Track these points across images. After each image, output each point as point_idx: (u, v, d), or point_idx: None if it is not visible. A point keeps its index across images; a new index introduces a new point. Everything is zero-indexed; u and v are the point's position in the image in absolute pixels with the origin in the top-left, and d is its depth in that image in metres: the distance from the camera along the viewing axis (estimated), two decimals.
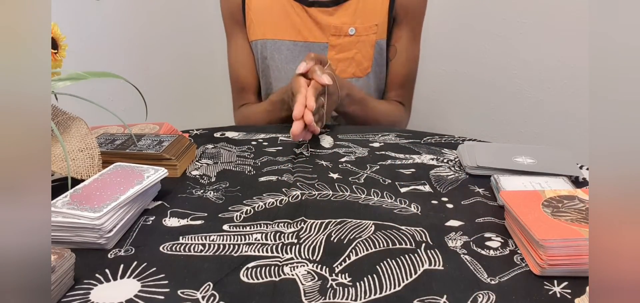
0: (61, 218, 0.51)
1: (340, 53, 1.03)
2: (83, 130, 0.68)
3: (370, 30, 1.03)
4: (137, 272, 0.48)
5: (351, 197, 0.64)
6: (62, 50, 0.67)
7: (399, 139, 0.86)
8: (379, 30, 1.03)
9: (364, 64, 1.05)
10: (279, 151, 0.81)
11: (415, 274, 0.48)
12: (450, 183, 0.68)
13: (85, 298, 0.44)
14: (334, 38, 1.02)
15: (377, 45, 1.04)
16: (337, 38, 1.02)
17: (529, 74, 1.49)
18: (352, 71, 1.04)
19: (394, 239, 0.54)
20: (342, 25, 1.02)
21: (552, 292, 0.45)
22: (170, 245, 0.53)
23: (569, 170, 0.68)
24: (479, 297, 0.44)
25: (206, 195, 0.65)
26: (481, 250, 0.52)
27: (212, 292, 0.45)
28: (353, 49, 1.03)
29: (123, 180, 0.59)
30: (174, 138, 0.75)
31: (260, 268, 0.49)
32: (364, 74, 1.05)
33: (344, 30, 1.02)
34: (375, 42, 1.04)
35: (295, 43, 1.04)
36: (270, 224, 0.57)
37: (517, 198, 0.54)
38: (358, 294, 0.45)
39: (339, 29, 1.02)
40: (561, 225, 0.48)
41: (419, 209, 0.61)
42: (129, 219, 0.56)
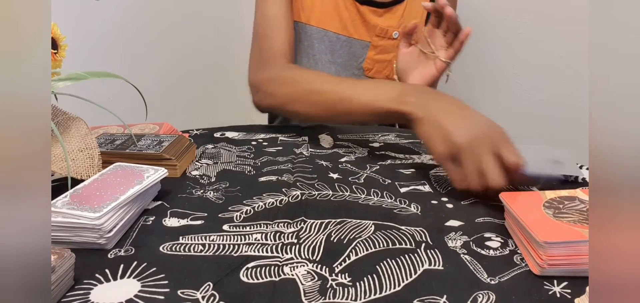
0: (61, 218, 0.51)
1: (380, 54, 1.03)
2: (83, 130, 0.68)
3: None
4: (137, 272, 0.48)
5: (351, 197, 0.64)
6: (62, 50, 0.67)
7: (399, 139, 0.86)
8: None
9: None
10: (279, 151, 0.81)
11: (415, 274, 0.48)
12: (450, 183, 0.68)
13: (85, 298, 0.44)
14: (378, 39, 1.02)
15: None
16: (381, 40, 1.02)
17: (529, 74, 1.49)
18: (386, 73, 1.05)
19: (394, 239, 0.54)
20: (388, 28, 1.01)
21: (552, 292, 0.45)
22: (170, 245, 0.53)
23: (569, 170, 0.68)
24: (479, 297, 0.44)
25: (206, 195, 0.65)
26: (481, 250, 0.52)
27: (212, 292, 0.45)
28: (392, 52, 1.03)
29: (123, 180, 0.59)
30: (174, 138, 0.75)
31: (260, 268, 0.49)
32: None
33: (389, 33, 1.02)
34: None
35: (339, 36, 1.02)
36: (270, 224, 0.57)
37: (518, 199, 0.55)
38: (358, 294, 0.45)
39: (385, 31, 1.01)
40: (563, 226, 0.48)
41: (418, 209, 0.61)
42: (129, 219, 0.56)
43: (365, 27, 1.02)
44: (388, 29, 1.01)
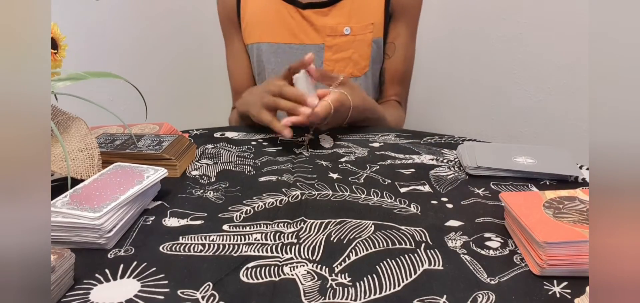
0: (61, 218, 0.51)
1: (337, 53, 1.03)
2: (83, 130, 0.68)
3: (366, 29, 1.03)
4: (137, 272, 0.48)
5: (351, 197, 0.64)
6: (62, 50, 0.67)
7: (398, 139, 0.86)
8: (375, 29, 1.03)
9: (361, 64, 1.05)
10: (279, 151, 0.81)
11: (415, 274, 0.48)
12: (450, 183, 0.68)
13: (85, 298, 0.44)
14: (330, 39, 1.02)
15: (374, 43, 1.04)
16: (333, 38, 1.02)
17: (528, 74, 1.50)
18: (350, 70, 1.04)
19: (394, 239, 0.54)
20: (337, 26, 1.01)
21: (552, 292, 0.45)
22: (170, 245, 0.53)
23: (569, 170, 0.68)
24: (479, 297, 0.44)
25: (206, 195, 0.65)
26: (481, 250, 0.52)
27: (211, 292, 0.45)
28: (350, 48, 1.03)
29: (123, 180, 0.59)
30: (174, 138, 0.75)
31: (260, 268, 0.49)
32: (362, 73, 1.05)
33: (339, 30, 1.02)
34: (372, 40, 1.04)
35: (291, 46, 1.04)
36: (270, 224, 0.57)
37: (518, 199, 0.55)
38: (358, 294, 0.45)
39: (334, 29, 1.02)
40: (564, 226, 0.48)
41: (418, 209, 0.61)
42: (129, 219, 0.56)
43: (315, 30, 1.02)
44: (337, 26, 1.01)
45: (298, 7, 1.02)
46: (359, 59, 1.04)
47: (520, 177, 0.69)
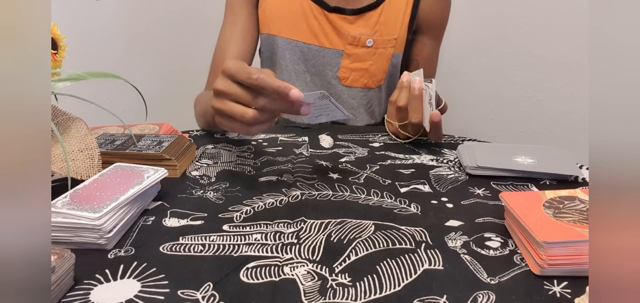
0: (61, 219, 0.51)
1: (355, 63, 1.01)
2: (83, 130, 0.68)
3: (389, 43, 1.00)
4: (137, 272, 0.48)
5: (351, 197, 0.64)
6: (62, 50, 0.67)
7: (399, 139, 0.86)
8: (397, 44, 1.01)
9: (377, 76, 1.02)
10: (279, 151, 0.81)
11: (415, 274, 0.48)
12: (450, 183, 0.68)
13: (85, 298, 0.44)
14: (351, 47, 1.00)
15: (393, 58, 1.02)
16: (354, 48, 1.00)
17: (528, 74, 1.50)
18: (364, 81, 1.03)
19: (394, 239, 0.54)
20: (360, 36, 0.99)
21: (552, 292, 0.45)
22: (170, 245, 0.53)
23: (569, 170, 0.68)
24: (479, 297, 0.44)
25: (206, 195, 0.65)
26: (481, 250, 0.52)
27: (212, 292, 0.45)
28: (369, 60, 1.01)
29: (123, 180, 0.59)
30: (174, 138, 0.75)
31: (260, 268, 0.49)
32: (377, 85, 1.04)
33: (362, 41, 0.99)
34: (392, 55, 1.02)
35: (310, 46, 1.01)
36: (270, 224, 0.57)
37: (518, 199, 0.54)
38: (358, 294, 0.45)
39: (357, 40, 0.99)
40: (564, 226, 0.48)
41: (418, 209, 0.61)
42: (129, 219, 0.56)
43: (337, 35, 1.00)
44: (360, 36, 0.99)
45: (325, 9, 0.99)
46: (376, 72, 1.02)
47: (520, 177, 0.69)
